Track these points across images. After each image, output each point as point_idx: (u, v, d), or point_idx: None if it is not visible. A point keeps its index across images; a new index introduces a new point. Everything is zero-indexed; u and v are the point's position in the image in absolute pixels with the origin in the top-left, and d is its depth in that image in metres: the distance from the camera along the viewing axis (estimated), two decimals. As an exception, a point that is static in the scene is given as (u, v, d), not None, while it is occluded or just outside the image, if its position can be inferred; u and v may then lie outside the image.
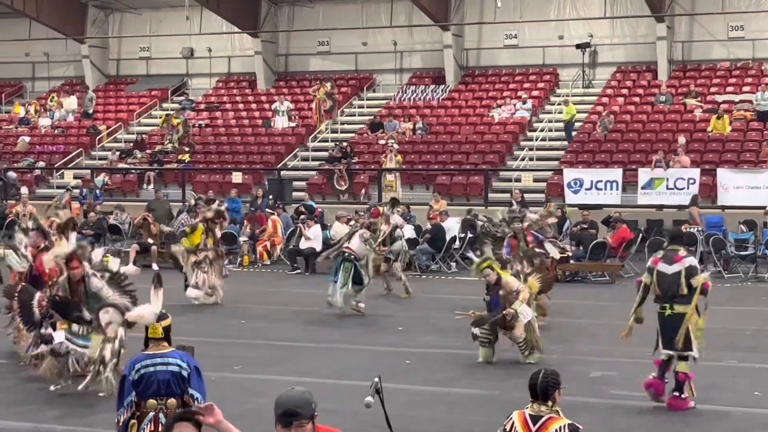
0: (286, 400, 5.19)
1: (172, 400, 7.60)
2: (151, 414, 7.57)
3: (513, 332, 13.59)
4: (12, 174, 33.31)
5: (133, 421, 7.58)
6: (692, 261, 11.73)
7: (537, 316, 14.56)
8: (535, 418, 6.43)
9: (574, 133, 31.69)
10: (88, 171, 33.49)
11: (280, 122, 34.98)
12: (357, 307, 18.13)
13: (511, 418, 6.51)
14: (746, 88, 32.12)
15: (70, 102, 38.32)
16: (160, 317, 7.90)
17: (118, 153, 34.36)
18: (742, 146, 29.49)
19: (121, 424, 7.59)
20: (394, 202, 22.18)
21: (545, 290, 15.76)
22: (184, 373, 7.62)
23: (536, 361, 13.25)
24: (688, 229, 23.89)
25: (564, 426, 6.34)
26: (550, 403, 6.50)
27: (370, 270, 18.43)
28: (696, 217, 24.15)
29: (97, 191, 30.96)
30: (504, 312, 13.42)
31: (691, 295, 11.41)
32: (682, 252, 11.66)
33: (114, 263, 12.59)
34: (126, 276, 12.26)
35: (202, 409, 5.66)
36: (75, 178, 33.33)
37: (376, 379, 5.52)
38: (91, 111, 37.51)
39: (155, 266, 23.51)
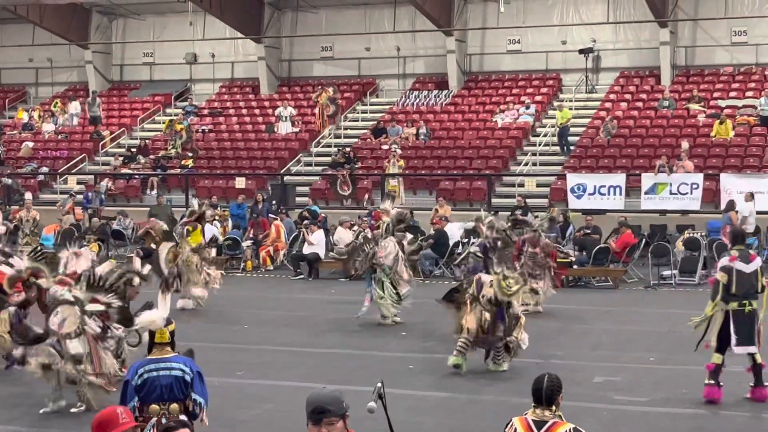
0: (316, 398, 5.26)
1: (174, 405, 7.61)
2: (154, 419, 7.58)
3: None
4: (7, 180, 33.30)
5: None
6: (760, 260, 12.30)
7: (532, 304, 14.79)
8: (539, 424, 6.35)
9: (571, 138, 31.67)
10: (92, 176, 33.50)
11: (284, 127, 35.00)
12: (393, 319, 17.54)
13: (512, 425, 6.42)
14: (749, 93, 32.12)
15: (74, 107, 38.34)
16: (166, 322, 7.92)
17: (121, 158, 34.39)
18: (746, 151, 29.47)
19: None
20: (392, 198, 22.12)
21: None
22: (187, 378, 7.63)
23: (506, 369, 13.43)
24: (690, 234, 23.90)
25: (569, 430, 6.29)
26: (553, 408, 6.42)
27: (407, 272, 17.89)
28: (735, 221, 23.94)
29: (102, 196, 30.99)
30: (508, 340, 13.40)
31: (762, 292, 11.83)
32: (751, 251, 12.22)
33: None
34: (104, 278, 11.89)
35: None
36: (78, 183, 33.36)
37: (379, 385, 5.52)
38: (99, 115, 37.51)
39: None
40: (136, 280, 12.65)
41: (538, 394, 6.46)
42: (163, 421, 7.54)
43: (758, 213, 25.35)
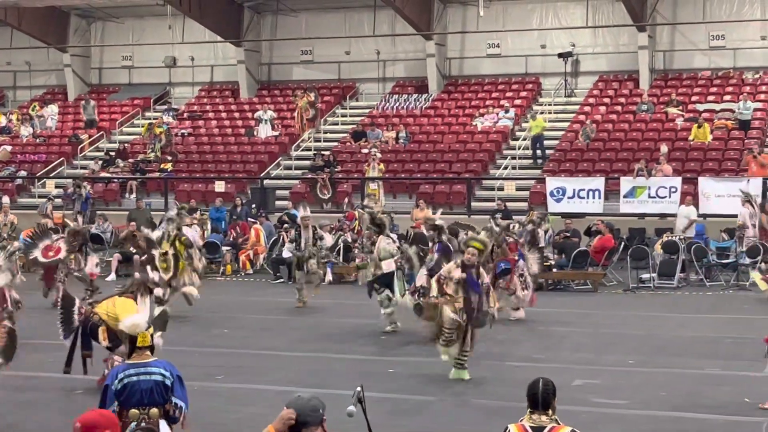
0: (295, 409, 5.29)
1: (154, 410, 7.60)
2: (134, 424, 7.57)
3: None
4: None
5: (115, 430, 7.57)
6: None
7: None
8: (537, 430, 6.22)
9: (548, 142, 31.74)
10: (70, 180, 33.35)
11: (264, 131, 34.94)
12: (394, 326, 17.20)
13: None
14: (727, 97, 32.31)
15: (52, 110, 38.16)
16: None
17: (100, 162, 34.24)
18: (724, 155, 29.63)
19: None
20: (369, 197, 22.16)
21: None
22: (168, 383, 7.63)
23: (468, 378, 13.07)
24: (669, 238, 24.01)
25: None
26: (550, 412, 6.30)
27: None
28: (765, 223, 24.04)
29: (89, 198, 30.46)
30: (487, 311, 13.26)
31: None
32: None
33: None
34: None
35: None
36: (57, 187, 33.19)
37: (359, 388, 5.52)
38: (95, 118, 37.36)
39: (137, 275, 23.40)
40: None
41: (534, 398, 6.31)
42: (143, 425, 7.54)
43: (735, 216, 25.50)
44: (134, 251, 25.01)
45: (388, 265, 17.20)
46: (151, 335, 7.86)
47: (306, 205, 20.88)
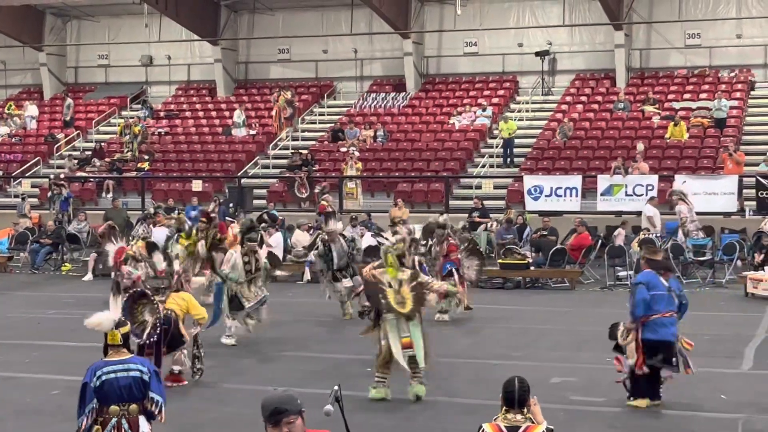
0: (271, 400, 5.29)
1: (134, 406, 7.67)
2: (114, 420, 7.60)
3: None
4: None
5: (96, 426, 7.60)
6: None
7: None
8: (512, 429, 6.24)
9: (527, 141, 31.82)
10: (46, 180, 33.17)
11: (237, 132, 34.89)
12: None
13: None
14: (703, 95, 32.48)
15: (32, 110, 37.89)
16: (119, 324, 7.89)
17: (75, 161, 34.04)
18: (700, 153, 29.78)
19: (82, 431, 7.57)
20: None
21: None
22: (146, 378, 7.68)
23: (423, 394, 12.06)
24: (646, 235, 24.07)
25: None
26: (525, 411, 6.34)
27: None
28: None
29: (70, 197, 30.20)
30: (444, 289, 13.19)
31: None
32: None
33: None
34: None
35: None
36: (33, 187, 33.03)
37: (336, 388, 5.53)
38: (69, 118, 37.16)
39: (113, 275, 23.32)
40: None
41: (510, 397, 6.36)
42: (123, 421, 7.56)
43: (711, 214, 25.68)
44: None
45: None
46: (124, 335, 7.85)
47: (334, 218, 19.55)
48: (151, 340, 11.91)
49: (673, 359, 11.43)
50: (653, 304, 11.35)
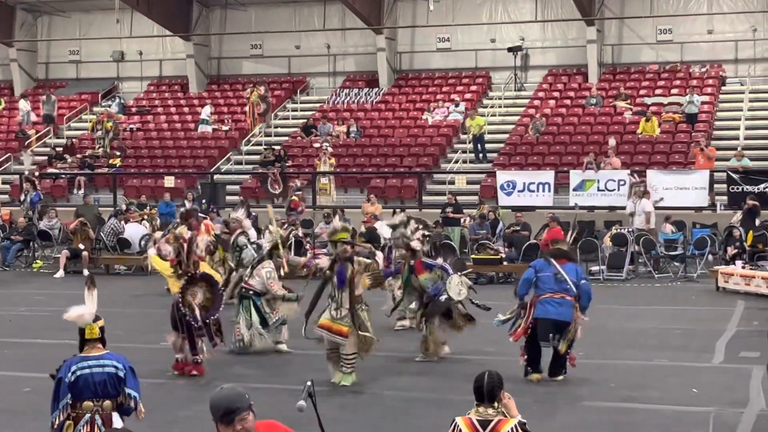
0: (220, 400, 5.25)
1: (107, 402, 7.61)
2: (88, 415, 7.55)
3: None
4: None
5: (68, 422, 7.54)
6: None
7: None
8: (483, 423, 6.24)
9: (498, 136, 31.90)
10: (17, 176, 32.96)
11: (203, 128, 34.76)
12: None
13: (456, 425, 6.29)
14: (675, 91, 32.65)
15: (24, 105, 37.45)
16: (95, 318, 7.85)
17: (46, 158, 33.76)
18: (671, 148, 29.94)
19: (56, 426, 7.54)
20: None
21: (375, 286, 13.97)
22: (121, 374, 7.64)
23: (350, 383, 12.35)
24: (618, 230, 24.21)
25: (515, 426, 6.24)
26: (496, 405, 6.35)
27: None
28: None
29: (39, 194, 29.98)
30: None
31: None
32: None
33: None
34: None
35: None
36: (4, 183, 32.79)
37: (309, 383, 5.51)
38: (54, 114, 36.85)
39: (86, 272, 23.24)
40: None
41: (479, 391, 6.38)
42: (96, 417, 7.51)
43: (683, 209, 25.81)
44: (82, 247, 24.87)
45: None
46: (100, 328, 7.80)
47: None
48: (207, 321, 12.93)
49: (551, 335, 12.33)
50: (540, 284, 12.50)
